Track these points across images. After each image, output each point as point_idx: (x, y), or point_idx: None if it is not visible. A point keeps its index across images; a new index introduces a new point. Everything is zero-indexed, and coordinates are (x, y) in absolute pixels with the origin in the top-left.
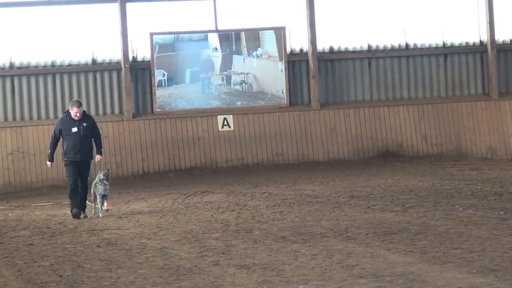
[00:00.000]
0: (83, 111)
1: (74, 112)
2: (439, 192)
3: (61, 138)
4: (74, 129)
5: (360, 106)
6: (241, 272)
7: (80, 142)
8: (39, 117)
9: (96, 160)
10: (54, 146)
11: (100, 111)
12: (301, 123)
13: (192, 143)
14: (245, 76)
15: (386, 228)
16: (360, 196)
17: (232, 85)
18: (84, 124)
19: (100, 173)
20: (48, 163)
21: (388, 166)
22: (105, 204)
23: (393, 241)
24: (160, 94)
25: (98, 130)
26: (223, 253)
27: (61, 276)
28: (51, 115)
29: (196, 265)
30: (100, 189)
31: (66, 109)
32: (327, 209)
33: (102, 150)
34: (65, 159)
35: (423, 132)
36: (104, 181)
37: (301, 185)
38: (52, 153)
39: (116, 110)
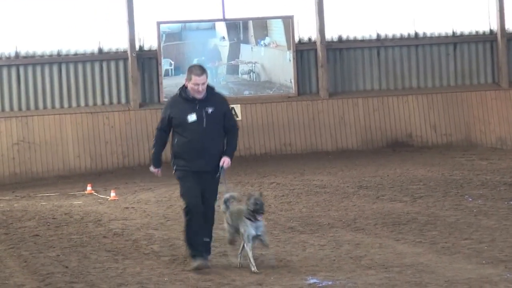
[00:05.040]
0: (211, 87)
1: (193, 83)
2: (448, 182)
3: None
4: (192, 117)
5: (369, 95)
6: (247, 263)
7: (202, 140)
8: (44, 107)
9: (220, 164)
10: (161, 143)
11: (107, 101)
12: (309, 113)
13: None
14: (253, 65)
15: (395, 218)
16: (369, 186)
17: (239, 75)
18: (209, 110)
19: (251, 198)
20: (153, 169)
21: (397, 156)
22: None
23: (402, 232)
24: (167, 83)
25: (233, 119)
26: (230, 244)
27: (67, 267)
28: (57, 105)
29: None
30: (249, 226)
31: (181, 86)
32: (335, 200)
33: (233, 151)
34: (175, 167)
35: (432, 122)
36: (257, 212)
37: (309, 175)
38: (158, 154)
39: (123, 100)
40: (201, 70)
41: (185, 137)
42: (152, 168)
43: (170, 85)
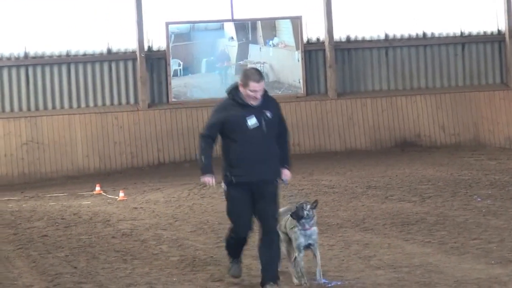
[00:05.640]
0: (265, 90)
1: (251, 89)
2: (457, 182)
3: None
4: (251, 122)
5: (377, 95)
6: (257, 263)
7: (263, 146)
8: (53, 107)
9: (283, 177)
10: (210, 150)
11: (115, 101)
12: (318, 113)
13: None
14: (261, 65)
15: (404, 218)
16: (378, 186)
17: None
18: (268, 114)
19: (301, 205)
20: (207, 179)
21: (405, 156)
22: (318, 260)
23: (411, 232)
24: (176, 83)
25: (286, 125)
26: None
27: (75, 267)
28: (66, 105)
29: (212, 256)
30: (299, 234)
31: (232, 86)
32: (344, 200)
33: (289, 159)
34: (229, 178)
35: (440, 122)
36: (307, 219)
37: (317, 175)
38: (208, 160)
39: (132, 100)
40: (260, 75)
41: (243, 144)
42: (205, 177)
43: (179, 85)
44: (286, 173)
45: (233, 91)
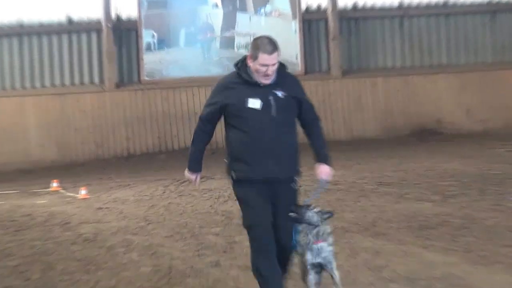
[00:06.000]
0: (283, 66)
1: (261, 63)
2: (485, 177)
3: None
4: (254, 103)
5: (390, 74)
6: (246, 275)
7: (270, 134)
8: (3, 87)
9: (320, 176)
10: (203, 138)
11: (77, 80)
12: (319, 95)
13: (187, 119)
14: (251, 37)
15: (422, 221)
16: (391, 182)
17: (235, 49)
18: (279, 94)
19: (306, 205)
20: (190, 175)
21: (423, 147)
22: (336, 278)
23: (431, 237)
24: (149, 59)
25: (313, 108)
26: (224, 252)
27: (28, 279)
28: (17, 85)
29: (191, 266)
30: (304, 248)
31: (239, 60)
32: (350, 199)
33: (327, 152)
34: (233, 173)
35: (465, 106)
36: (317, 231)
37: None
38: (198, 154)
39: (96, 79)
40: (272, 45)
41: (245, 131)
42: (187, 173)
43: (153, 62)
44: (324, 171)
45: (241, 65)
